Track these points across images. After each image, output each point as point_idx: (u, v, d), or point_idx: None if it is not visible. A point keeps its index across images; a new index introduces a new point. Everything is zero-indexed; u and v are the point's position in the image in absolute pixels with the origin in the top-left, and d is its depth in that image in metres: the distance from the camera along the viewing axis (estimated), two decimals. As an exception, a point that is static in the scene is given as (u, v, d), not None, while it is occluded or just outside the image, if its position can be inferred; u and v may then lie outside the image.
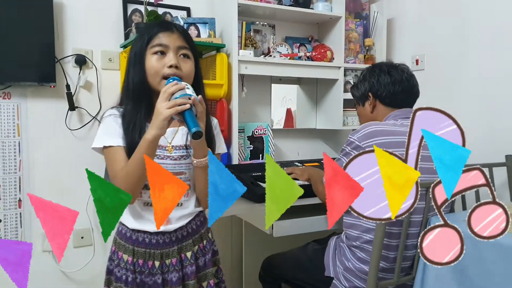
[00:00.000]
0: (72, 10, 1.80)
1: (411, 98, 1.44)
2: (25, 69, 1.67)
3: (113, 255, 1.15)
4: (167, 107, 0.94)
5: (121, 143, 1.05)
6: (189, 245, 1.14)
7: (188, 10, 1.99)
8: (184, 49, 1.08)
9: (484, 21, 1.83)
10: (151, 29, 1.09)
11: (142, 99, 1.07)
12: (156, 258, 1.10)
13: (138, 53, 1.07)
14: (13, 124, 1.74)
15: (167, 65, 1.05)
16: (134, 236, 1.11)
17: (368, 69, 1.50)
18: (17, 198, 1.77)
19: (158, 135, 0.96)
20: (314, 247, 1.53)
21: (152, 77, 1.06)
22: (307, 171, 1.63)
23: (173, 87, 0.96)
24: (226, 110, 1.81)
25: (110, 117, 1.09)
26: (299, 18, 2.13)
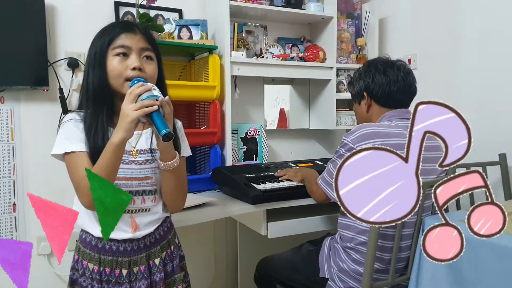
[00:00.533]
0: (64, 13, 1.79)
1: (407, 97, 1.42)
2: (18, 73, 1.67)
3: (76, 264, 1.09)
4: (134, 109, 0.90)
5: (84, 148, 0.99)
6: (157, 252, 1.11)
7: (180, 12, 1.99)
8: (147, 50, 1.05)
9: (475, 20, 1.85)
10: (112, 29, 1.05)
11: (104, 102, 1.02)
12: (123, 266, 1.06)
13: (99, 53, 1.03)
14: (6, 128, 1.74)
15: (130, 67, 1.01)
16: (100, 244, 1.06)
17: (364, 66, 1.47)
18: (11, 202, 1.76)
19: (125, 138, 0.92)
20: (308, 248, 1.54)
21: (115, 79, 1.02)
22: (301, 172, 1.64)
23: (140, 89, 0.93)
24: (219, 111, 1.82)
25: (71, 121, 1.03)
26: (291, 18, 2.14)
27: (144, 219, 1.08)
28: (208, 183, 1.80)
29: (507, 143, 1.71)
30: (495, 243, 0.98)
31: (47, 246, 1.78)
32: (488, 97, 1.79)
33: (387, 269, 1.24)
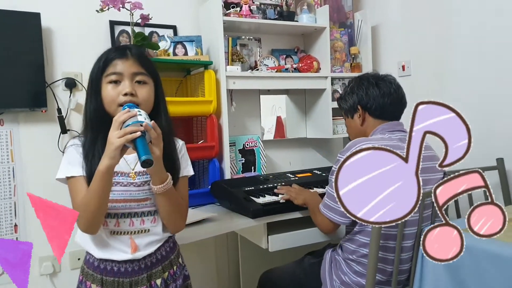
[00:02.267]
0: (61, 34, 1.81)
1: (400, 109, 1.45)
2: (17, 95, 1.68)
3: (81, 284, 1.12)
4: (117, 136, 0.92)
5: (82, 173, 1.04)
6: (158, 272, 1.11)
7: (175, 29, 2.02)
8: (140, 75, 1.06)
9: (467, 25, 1.87)
10: (106, 57, 1.07)
11: (100, 128, 1.04)
12: (125, 286, 1.07)
13: (94, 81, 1.06)
14: (6, 150, 1.75)
15: (122, 93, 1.03)
16: (102, 265, 1.08)
17: (355, 81, 1.48)
18: (13, 223, 1.77)
19: (111, 165, 0.95)
20: (310, 261, 1.54)
21: (109, 105, 1.04)
22: (303, 195, 1.57)
23: (124, 116, 0.95)
24: (216, 125, 1.83)
25: (72, 147, 1.07)
26: (284, 30, 2.16)
27: (144, 240, 1.09)
28: (207, 197, 1.81)
29: (504, 147, 1.72)
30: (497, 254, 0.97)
31: (50, 266, 1.78)
32: (483, 102, 1.80)
33: (389, 280, 1.25)
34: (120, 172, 1.06)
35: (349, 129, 1.54)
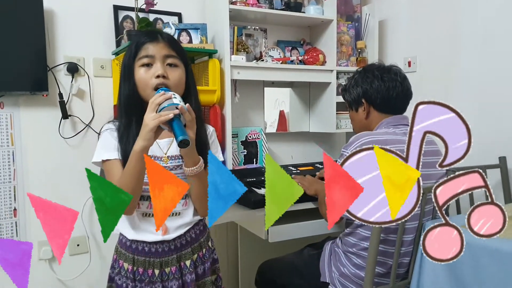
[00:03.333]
0: (63, 17, 1.79)
1: (405, 102, 1.43)
2: (18, 78, 1.66)
3: (115, 263, 1.17)
4: (152, 119, 0.95)
5: (117, 156, 1.07)
6: (188, 254, 1.15)
7: (180, 16, 1.99)
8: (171, 57, 1.08)
9: (475, 22, 1.85)
10: (136, 41, 1.09)
11: (134, 112, 1.07)
12: (155, 266, 1.11)
13: (127, 66, 1.08)
14: (6, 134, 1.74)
15: (155, 75, 1.05)
16: (134, 245, 1.13)
17: (360, 73, 1.46)
18: (12, 207, 1.76)
19: (146, 146, 0.97)
20: (309, 252, 1.54)
21: (143, 89, 1.07)
22: (315, 186, 1.57)
23: (160, 98, 0.96)
24: (219, 115, 1.81)
25: (107, 131, 1.11)
26: (290, 21, 2.14)
27: (174, 223, 1.12)
28: (208, 187, 1.80)
29: (507, 146, 1.71)
30: (496, 248, 0.98)
31: (49, 251, 1.78)
32: (488, 99, 1.79)
33: (389, 273, 1.24)
34: (153, 156, 1.09)
35: (353, 121, 1.53)
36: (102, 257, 1.90)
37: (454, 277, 1.07)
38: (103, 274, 1.84)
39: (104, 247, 1.88)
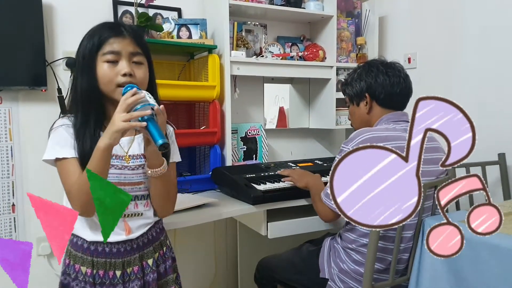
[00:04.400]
0: (62, 12, 1.78)
1: (406, 99, 1.42)
2: (16, 73, 1.65)
3: (68, 268, 1.08)
4: (122, 119, 0.90)
5: (74, 154, 0.99)
6: (150, 252, 1.11)
7: (179, 11, 1.98)
8: (137, 55, 1.03)
9: (476, 19, 1.84)
10: (100, 33, 1.02)
11: (93, 107, 1.02)
12: (117, 267, 1.06)
13: (88, 58, 1.01)
14: (5, 129, 1.73)
15: (121, 73, 0.99)
16: (93, 246, 1.05)
17: (364, 67, 1.44)
18: (10, 203, 1.76)
19: (111, 145, 0.93)
20: (309, 248, 1.53)
21: (105, 85, 1.01)
22: (305, 178, 1.55)
23: (132, 98, 0.91)
24: (219, 111, 1.81)
25: (62, 127, 1.02)
26: (290, 17, 2.13)
27: (136, 223, 1.08)
28: (208, 183, 1.80)
29: (506, 143, 1.71)
30: (496, 244, 0.99)
31: (47, 247, 1.77)
32: (488, 96, 1.79)
33: (388, 269, 1.24)
34: (114, 155, 1.03)
35: (353, 116, 1.50)
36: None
37: (453, 273, 1.07)
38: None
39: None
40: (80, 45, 1.04)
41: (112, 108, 1.00)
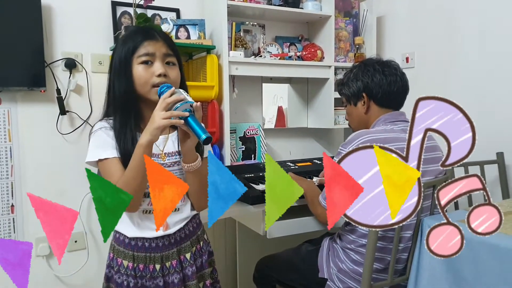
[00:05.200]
0: (61, 13, 1.78)
1: (403, 97, 1.43)
2: (15, 73, 1.66)
3: (112, 262, 1.15)
4: (163, 117, 0.95)
5: (116, 154, 1.05)
6: (187, 247, 1.16)
7: (178, 12, 1.99)
8: (170, 56, 1.09)
9: (474, 18, 1.85)
10: (135, 38, 1.08)
11: (131, 108, 1.07)
12: (156, 261, 1.11)
13: (123, 62, 1.07)
14: (4, 129, 1.73)
15: (156, 74, 1.05)
16: (133, 242, 1.12)
17: (360, 67, 1.43)
18: (9, 204, 1.76)
19: (152, 141, 0.98)
20: (307, 248, 1.54)
21: (141, 86, 1.06)
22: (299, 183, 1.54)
23: (172, 98, 0.97)
24: (217, 111, 1.81)
25: (101, 130, 1.08)
26: (288, 17, 2.14)
27: (174, 218, 1.13)
28: (206, 183, 1.80)
29: (504, 142, 1.71)
30: (495, 244, 0.99)
31: (46, 247, 1.78)
32: (486, 96, 1.79)
33: (387, 268, 1.25)
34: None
35: (350, 116, 1.50)
36: (100, 254, 1.89)
37: (452, 273, 1.07)
38: (100, 270, 1.83)
39: (102, 243, 1.88)
40: (115, 51, 1.10)
41: (147, 109, 1.08)
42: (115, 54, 1.10)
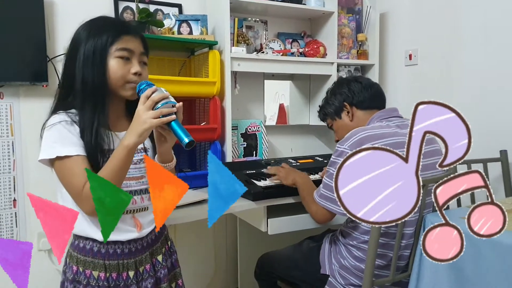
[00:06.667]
0: (63, 8, 1.78)
1: (383, 98, 1.50)
2: (17, 68, 1.66)
3: (77, 275, 1.02)
4: (152, 117, 0.90)
5: (80, 152, 0.94)
6: (158, 248, 1.13)
7: (180, 7, 1.98)
8: (145, 56, 1.05)
9: (477, 15, 1.84)
10: (115, 30, 1.01)
11: (100, 102, 0.99)
12: (130, 268, 1.05)
13: (99, 52, 0.98)
14: (6, 124, 1.73)
15: (132, 71, 1.00)
16: (104, 249, 1.03)
17: (334, 85, 1.55)
18: (11, 198, 1.76)
19: (139, 143, 0.93)
20: (309, 244, 1.54)
21: (115, 80, 1.00)
22: (292, 175, 1.52)
23: (158, 96, 0.93)
24: (219, 107, 1.81)
25: (60, 123, 0.97)
26: (291, 13, 2.13)
27: (145, 218, 1.08)
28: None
29: (508, 139, 1.70)
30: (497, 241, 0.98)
31: (47, 242, 1.78)
32: (489, 93, 1.78)
33: (389, 265, 1.24)
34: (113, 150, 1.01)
35: (339, 131, 1.53)
36: (102, 248, 1.90)
37: (454, 270, 1.07)
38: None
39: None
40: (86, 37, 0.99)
41: (112, 105, 1.03)
42: (88, 41, 0.98)
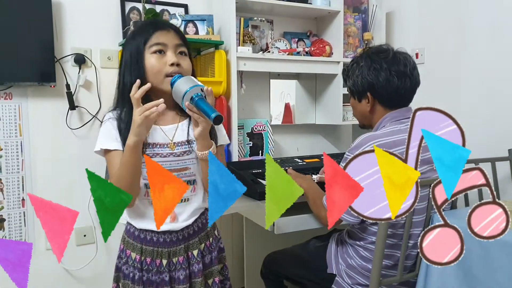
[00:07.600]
0: (70, 9, 1.80)
1: (413, 94, 1.34)
2: (25, 69, 1.68)
3: (122, 253, 1.17)
4: (138, 114, 0.95)
5: (118, 147, 1.06)
6: (195, 244, 1.15)
7: (186, 7, 1.99)
8: (181, 46, 1.09)
9: (484, 13, 1.82)
10: (146, 29, 1.08)
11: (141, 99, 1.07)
12: (163, 256, 1.11)
13: (135, 53, 1.06)
14: (15, 124, 1.75)
15: (169, 63, 1.05)
16: (142, 235, 1.12)
17: (366, 62, 1.32)
18: (20, 197, 1.78)
19: (138, 141, 0.98)
20: (316, 244, 1.53)
21: (154, 76, 1.05)
22: (298, 181, 1.42)
23: (140, 91, 0.97)
24: (225, 107, 1.81)
25: (108, 121, 1.09)
26: (297, 13, 2.12)
27: (183, 209, 1.12)
28: (214, 179, 1.80)
29: (517, 138, 1.69)
30: (506, 240, 0.97)
31: (56, 241, 1.80)
32: (498, 91, 1.77)
33: (396, 265, 1.23)
34: (158, 144, 1.08)
35: (354, 109, 1.44)
36: (109, 248, 1.91)
37: (462, 269, 1.06)
38: (109, 264, 1.85)
39: (111, 237, 1.89)
40: (125, 46, 1.10)
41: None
42: (126, 48, 1.09)
